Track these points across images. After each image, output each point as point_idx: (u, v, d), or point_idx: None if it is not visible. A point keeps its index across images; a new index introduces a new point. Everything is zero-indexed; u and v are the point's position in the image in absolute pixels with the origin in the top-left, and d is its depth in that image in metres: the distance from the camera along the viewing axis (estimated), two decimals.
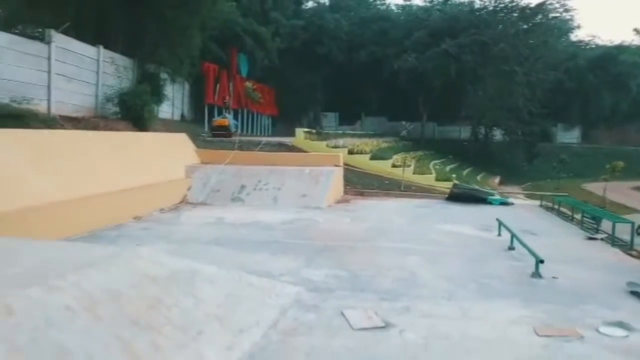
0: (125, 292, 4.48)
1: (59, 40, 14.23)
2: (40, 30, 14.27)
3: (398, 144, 36.98)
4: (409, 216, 13.20)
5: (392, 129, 45.43)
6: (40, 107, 13.08)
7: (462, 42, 33.86)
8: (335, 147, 22.50)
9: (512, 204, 16.34)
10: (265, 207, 13.77)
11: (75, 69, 15.04)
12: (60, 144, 11.47)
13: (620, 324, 5.65)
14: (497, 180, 34.36)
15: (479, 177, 32.28)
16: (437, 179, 21.90)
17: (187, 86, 25.95)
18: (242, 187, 15.15)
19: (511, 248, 9.24)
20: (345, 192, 17.37)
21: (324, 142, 22.49)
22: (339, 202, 15.65)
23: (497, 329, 5.46)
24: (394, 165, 22.15)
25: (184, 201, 14.53)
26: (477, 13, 36.77)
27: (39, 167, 10.01)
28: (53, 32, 13.88)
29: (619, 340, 5.25)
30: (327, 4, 45.17)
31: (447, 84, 35.87)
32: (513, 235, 9.16)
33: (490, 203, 15.61)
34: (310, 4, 45.95)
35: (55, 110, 13.85)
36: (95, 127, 14.57)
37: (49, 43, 13.77)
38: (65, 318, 3.81)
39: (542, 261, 7.40)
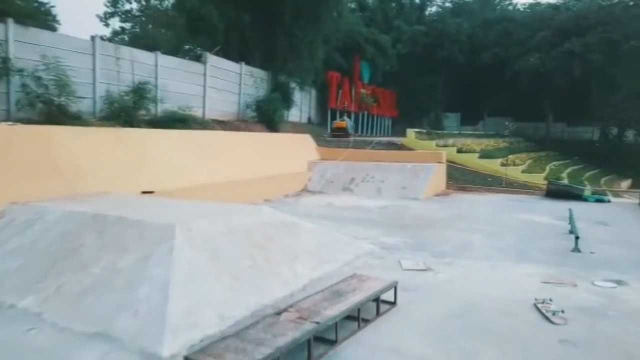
0: (251, 229, 7.26)
1: (212, 60, 18.09)
2: (198, 50, 18.22)
3: (520, 144, 36.82)
4: (495, 207, 14.70)
5: (516, 129, 44.82)
6: (198, 112, 16.90)
7: (588, 40, 32.78)
8: (445, 146, 24.01)
9: (609, 201, 16.77)
10: (370, 197, 16.17)
11: (223, 82, 18.82)
12: (213, 142, 15.04)
13: (617, 281, 7.16)
14: (625, 183, 32.67)
15: (603, 180, 31.13)
16: (546, 178, 22.35)
17: (313, 93, 29.26)
18: (352, 179, 17.74)
19: (571, 232, 10.53)
20: (447, 187, 19.07)
21: (434, 142, 24.09)
22: (438, 194, 17.47)
23: (509, 277, 7.34)
24: (502, 164, 23.04)
25: (304, 189, 17.54)
26: (608, 10, 35.17)
27: (198, 158, 13.53)
28: (208, 54, 17.76)
29: (605, 289, 6.83)
30: (450, 7, 46.11)
31: (573, 83, 34.94)
32: (571, 221, 10.49)
33: (585, 200, 16.26)
34: (434, 9, 47.38)
35: (208, 115, 17.67)
36: (237, 129, 18.17)
37: (204, 63, 17.67)
38: (218, 236, 6.65)
39: (577, 237, 8.88)
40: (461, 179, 20.24)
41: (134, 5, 35.18)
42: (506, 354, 4.72)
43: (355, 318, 5.29)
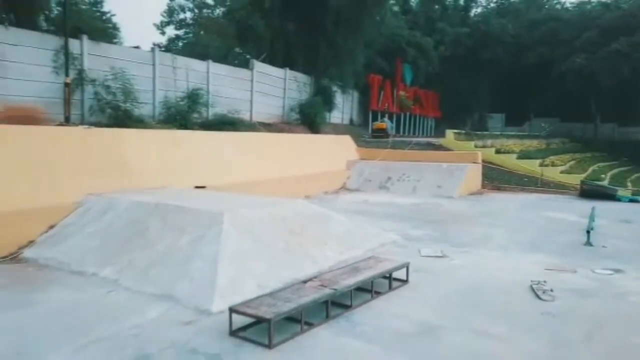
0: (288, 218, 8.42)
1: (258, 66, 19.48)
2: (247, 56, 19.61)
3: (566, 145, 36.52)
4: (525, 206, 15.27)
5: (564, 130, 44.23)
6: (246, 115, 18.29)
7: (637, 39, 32.14)
8: (484, 147, 24.45)
9: None
10: (405, 195, 17.06)
11: (268, 87, 20.16)
12: (258, 143, 16.31)
13: (616, 270, 7.85)
14: None
15: None
16: (584, 179, 22.41)
17: (355, 95, 30.30)
18: (389, 178, 18.68)
19: (591, 228, 11.11)
20: (483, 186, 19.67)
21: (472, 142, 24.55)
22: (472, 193, 18.13)
23: (517, 263, 8.17)
24: (541, 165, 23.25)
25: (343, 187, 18.62)
26: None
27: (245, 157, 14.83)
28: (255, 62, 19.15)
29: (602, 276, 7.56)
30: (495, 8, 45.94)
31: (621, 83, 34.27)
32: (590, 219, 11.08)
33: (619, 200, 16.54)
34: (479, 10, 47.35)
35: (255, 118, 19.04)
36: (281, 130, 19.45)
37: (251, 69, 19.07)
38: (259, 223, 7.84)
39: (588, 231, 9.57)
40: (497, 179, 20.75)
41: (188, 14, 37.42)
42: (493, 320, 5.64)
43: (369, 291, 6.34)
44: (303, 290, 5.66)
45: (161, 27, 37.63)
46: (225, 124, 15.91)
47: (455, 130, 26.54)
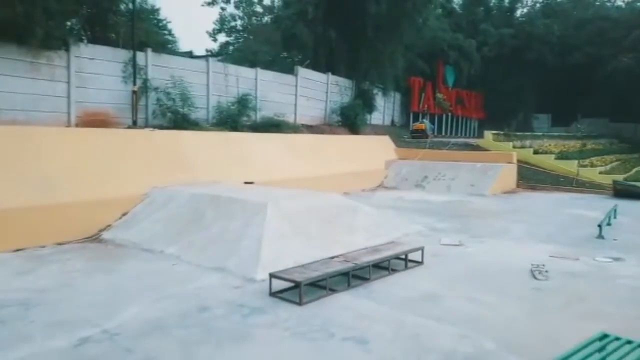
0: (322, 208, 9.71)
1: (302, 72, 20.88)
2: (294, 59, 21.02)
3: (613, 146, 36.08)
4: (553, 203, 15.92)
5: (614, 130, 43.44)
6: (290, 118, 19.73)
7: None
8: (522, 147, 24.88)
9: None
10: (439, 193, 18.00)
11: (311, 91, 21.53)
12: (301, 143, 17.69)
13: (616, 258, 8.67)
14: None
15: None
16: (625, 179, 22.51)
17: (397, 97, 31.29)
18: (425, 177, 19.64)
19: (608, 224, 11.80)
20: (518, 186, 20.30)
21: (511, 143, 25.01)
22: (505, 192, 18.83)
23: (526, 251, 9.12)
24: (579, 166, 23.47)
25: (380, 185, 19.74)
26: None
27: (289, 156, 16.22)
28: (299, 68, 20.58)
29: (601, 263, 8.41)
30: (540, 8, 45.50)
31: None
32: (607, 215, 11.77)
33: None
34: (525, 10, 47.01)
35: (299, 120, 20.45)
36: (323, 132, 20.77)
37: (296, 75, 20.50)
38: (297, 212, 9.17)
39: (599, 225, 10.34)
40: (532, 178, 21.28)
41: (238, 22, 39.47)
42: (487, 292, 6.70)
43: (387, 269, 7.54)
44: (329, 263, 6.93)
45: (213, 34, 39.96)
46: (272, 126, 17.36)
47: (494, 131, 27.07)
